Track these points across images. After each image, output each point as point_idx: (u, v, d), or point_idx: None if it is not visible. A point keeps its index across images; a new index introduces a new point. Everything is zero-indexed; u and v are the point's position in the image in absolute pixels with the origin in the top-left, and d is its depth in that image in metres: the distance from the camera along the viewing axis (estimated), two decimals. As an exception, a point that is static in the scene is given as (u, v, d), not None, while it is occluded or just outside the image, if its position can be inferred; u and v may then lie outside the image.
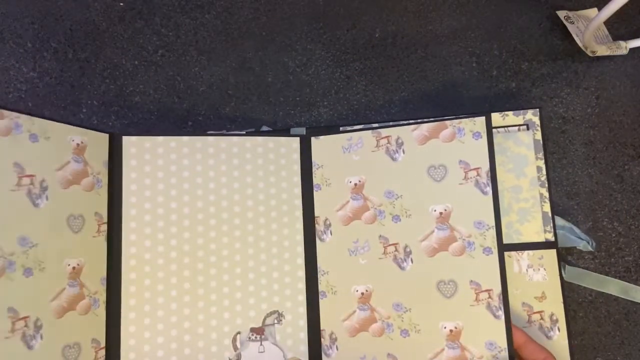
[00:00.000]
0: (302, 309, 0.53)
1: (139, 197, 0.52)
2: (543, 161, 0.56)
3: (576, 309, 0.58)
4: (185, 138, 0.54)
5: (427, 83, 0.63)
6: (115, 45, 0.64)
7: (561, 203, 0.60)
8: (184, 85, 0.63)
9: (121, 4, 0.65)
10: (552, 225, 0.55)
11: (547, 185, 0.55)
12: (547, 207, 0.55)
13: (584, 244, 0.56)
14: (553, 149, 0.61)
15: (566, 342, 0.53)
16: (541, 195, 0.55)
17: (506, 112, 0.57)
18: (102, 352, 0.49)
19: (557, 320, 0.53)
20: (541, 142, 0.56)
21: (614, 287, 0.58)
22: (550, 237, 0.54)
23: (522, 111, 0.57)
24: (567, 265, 0.57)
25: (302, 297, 0.54)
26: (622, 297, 0.58)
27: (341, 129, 0.58)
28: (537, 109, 0.57)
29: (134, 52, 0.64)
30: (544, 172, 0.56)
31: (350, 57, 0.64)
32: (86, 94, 0.62)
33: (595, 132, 0.61)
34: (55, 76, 0.63)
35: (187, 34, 0.64)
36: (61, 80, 0.63)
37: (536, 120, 0.57)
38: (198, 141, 0.54)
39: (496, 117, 0.57)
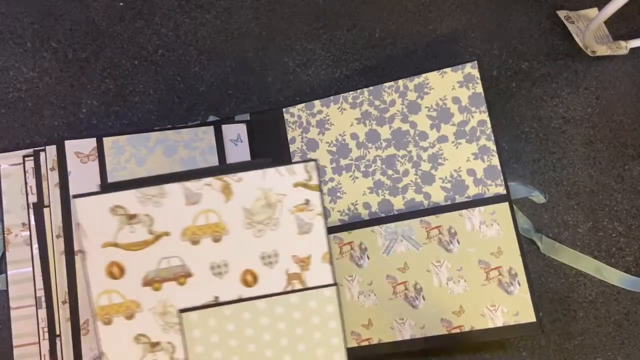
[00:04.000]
0: None
1: None
2: (487, 114, 0.53)
3: (576, 309, 0.58)
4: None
5: (427, 83, 0.63)
6: (115, 45, 0.64)
7: (561, 203, 0.60)
8: (184, 85, 0.63)
9: (121, 3, 0.65)
10: (502, 178, 0.52)
11: (493, 138, 0.53)
12: (495, 161, 0.53)
13: (537, 195, 0.54)
14: (553, 148, 0.61)
15: (528, 295, 0.50)
16: (488, 148, 0.53)
17: (444, 70, 0.54)
18: None
19: (516, 275, 0.51)
20: (482, 95, 0.53)
21: (588, 265, 0.58)
22: (501, 190, 0.52)
23: (460, 66, 0.54)
24: (543, 237, 0.57)
25: None
26: (595, 276, 0.58)
27: (284, 109, 0.58)
28: (475, 61, 0.54)
29: (134, 52, 0.64)
30: (489, 124, 0.53)
31: (350, 57, 0.64)
32: (86, 94, 0.62)
33: (595, 132, 0.61)
34: (55, 76, 0.63)
35: (187, 34, 0.64)
36: (61, 80, 0.63)
37: (475, 73, 0.54)
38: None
39: (434, 76, 0.54)
